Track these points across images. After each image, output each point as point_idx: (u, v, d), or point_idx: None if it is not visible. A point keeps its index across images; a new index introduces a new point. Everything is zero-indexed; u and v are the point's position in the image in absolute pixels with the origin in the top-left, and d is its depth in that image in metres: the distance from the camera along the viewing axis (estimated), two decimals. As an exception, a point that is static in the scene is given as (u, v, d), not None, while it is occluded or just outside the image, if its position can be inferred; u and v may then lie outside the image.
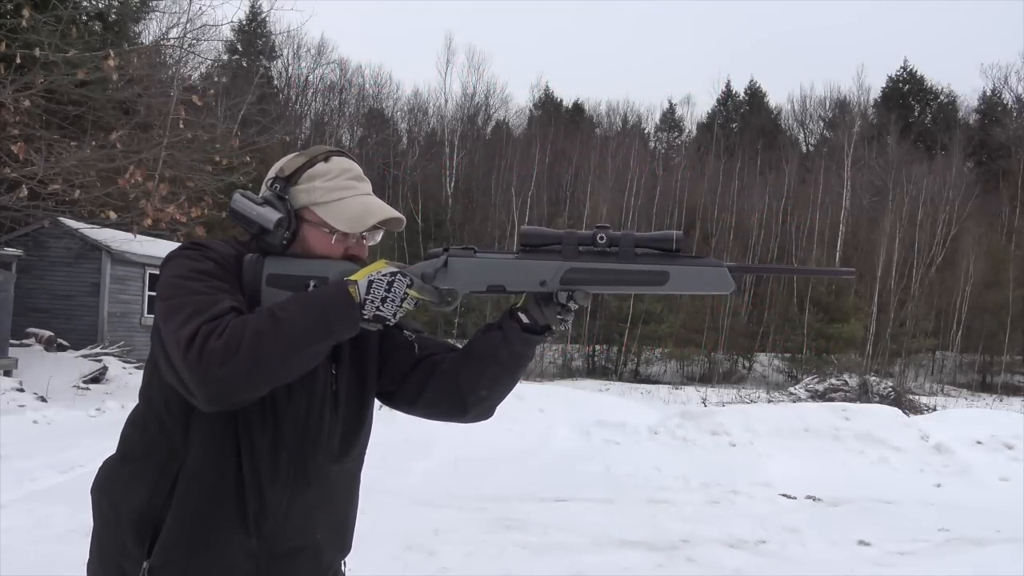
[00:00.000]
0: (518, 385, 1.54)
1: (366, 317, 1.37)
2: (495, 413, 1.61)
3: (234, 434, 1.43)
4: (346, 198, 1.49)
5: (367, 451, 1.66)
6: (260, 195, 1.50)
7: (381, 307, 1.37)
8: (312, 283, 1.43)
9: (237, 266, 1.45)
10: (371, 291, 1.36)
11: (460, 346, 1.61)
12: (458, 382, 1.53)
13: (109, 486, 1.49)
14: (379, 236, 1.56)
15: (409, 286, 1.39)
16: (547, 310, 1.45)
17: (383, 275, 1.38)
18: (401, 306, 1.38)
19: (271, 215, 1.45)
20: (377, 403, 1.63)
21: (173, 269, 1.40)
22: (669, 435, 9.06)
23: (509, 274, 1.44)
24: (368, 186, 1.55)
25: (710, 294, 1.51)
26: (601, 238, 1.43)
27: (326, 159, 1.52)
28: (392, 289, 1.37)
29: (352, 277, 1.39)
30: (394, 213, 1.52)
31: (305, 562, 1.53)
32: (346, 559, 1.67)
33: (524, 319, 1.48)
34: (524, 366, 1.53)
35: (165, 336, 1.34)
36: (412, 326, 1.61)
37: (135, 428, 1.51)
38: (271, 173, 1.52)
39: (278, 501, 1.46)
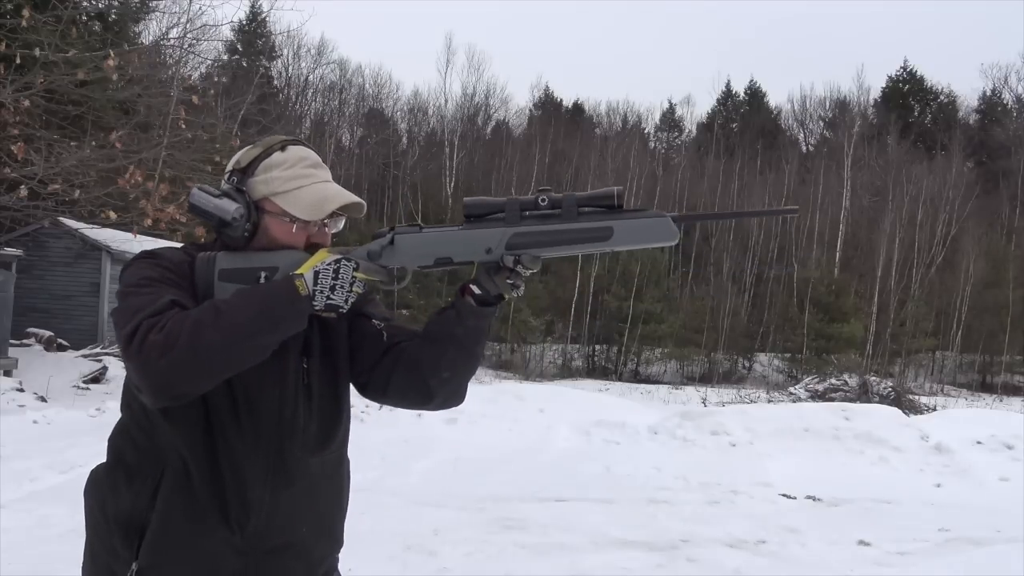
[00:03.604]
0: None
1: (317, 308, 1.38)
2: (465, 399, 1.60)
3: (210, 435, 1.44)
4: (304, 186, 1.49)
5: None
6: (219, 188, 1.50)
7: (332, 295, 1.38)
8: (263, 275, 1.43)
9: (190, 271, 1.46)
10: (319, 281, 1.37)
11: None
12: (420, 368, 1.53)
13: (97, 490, 1.52)
14: (341, 223, 1.56)
15: (355, 269, 1.40)
16: (497, 278, 1.44)
17: (327, 264, 1.39)
18: (351, 291, 1.39)
19: (228, 206, 1.45)
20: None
21: (124, 280, 1.43)
22: (669, 435, 9.07)
23: (455, 246, 1.44)
24: (327, 173, 1.55)
25: (656, 246, 1.50)
26: (543, 200, 1.43)
27: (283, 148, 1.51)
28: (339, 276, 1.38)
29: (298, 270, 1.39)
30: (353, 198, 1.52)
31: (294, 558, 1.53)
32: (339, 555, 1.67)
33: (476, 290, 1.47)
34: (481, 341, 1.52)
35: (116, 338, 1.39)
36: (381, 314, 1.61)
37: (120, 434, 1.54)
38: (228, 166, 1.52)
39: (260, 498, 1.47)
